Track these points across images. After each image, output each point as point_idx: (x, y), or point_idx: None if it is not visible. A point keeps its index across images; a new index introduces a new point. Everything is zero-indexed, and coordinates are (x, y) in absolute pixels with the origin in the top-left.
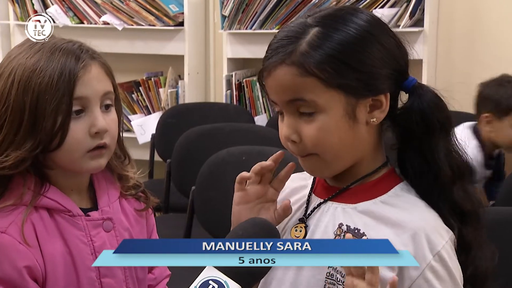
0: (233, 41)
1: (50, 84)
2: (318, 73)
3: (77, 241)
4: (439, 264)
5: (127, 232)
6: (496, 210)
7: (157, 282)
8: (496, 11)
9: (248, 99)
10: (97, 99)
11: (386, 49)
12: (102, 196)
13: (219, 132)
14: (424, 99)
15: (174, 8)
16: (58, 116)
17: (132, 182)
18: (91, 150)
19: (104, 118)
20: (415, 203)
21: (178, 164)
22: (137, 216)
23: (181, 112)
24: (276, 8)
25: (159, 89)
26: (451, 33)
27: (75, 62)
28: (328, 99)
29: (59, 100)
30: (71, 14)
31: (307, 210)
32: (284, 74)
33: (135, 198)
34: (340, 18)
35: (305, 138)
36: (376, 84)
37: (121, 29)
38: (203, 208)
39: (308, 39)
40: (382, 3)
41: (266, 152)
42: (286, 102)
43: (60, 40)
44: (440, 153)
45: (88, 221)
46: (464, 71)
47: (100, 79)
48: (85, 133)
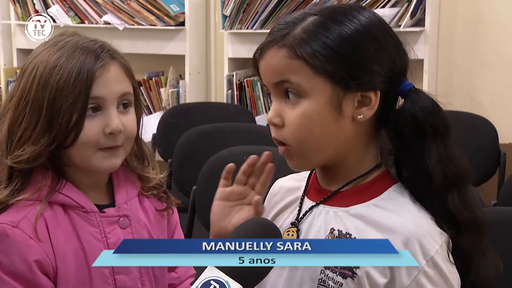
0: (234, 41)
1: (68, 81)
2: (307, 57)
3: (90, 237)
4: (432, 269)
5: (145, 229)
6: (498, 210)
7: (181, 281)
8: (497, 11)
9: (249, 99)
10: (114, 100)
11: (382, 47)
12: (119, 193)
13: (220, 132)
14: (417, 103)
15: (175, 8)
16: (74, 114)
17: (154, 183)
18: (104, 149)
19: (121, 118)
20: (408, 207)
21: (179, 164)
22: (158, 215)
23: (182, 112)
24: (277, 8)
25: (160, 89)
26: (452, 33)
27: (94, 61)
28: (314, 85)
29: (75, 98)
30: (72, 14)
31: (299, 213)
32: (274, 56)
33: (157, 198)
34: (341, 10)
35: (287, 123)
36: (366, 78)
37: (122, 29)
38: (204, 207)
39: (304, 25)
40: (383, 3)
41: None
42: (273, 84)
43: (84, 38)
44: (432, 159)
45: (103, 218)
46: (465, 71)
47: (119, 79)
48: (99, 132)
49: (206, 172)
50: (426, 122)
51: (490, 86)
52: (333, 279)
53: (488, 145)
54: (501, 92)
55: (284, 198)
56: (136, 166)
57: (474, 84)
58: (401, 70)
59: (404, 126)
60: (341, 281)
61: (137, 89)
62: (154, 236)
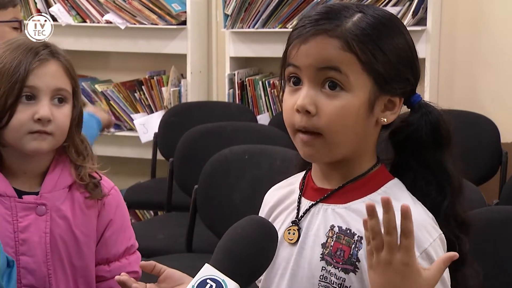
0: (236, 40)
1: (8, 70)
2: (359, 52)
3: (1, 218)
4: (426, 262)
5: (63, 220)
6: (500, 209)
7: (112, 275)
8: (499, 10)
9: (250, 98)
10: (48, 92)
11: (413, 56)
12: (47, 183)
13: (221, 131)
14: (434, 114)
15: (176, 7)
16: (9, 99)
17: (89, 172)
18: (33, 132)
19: (53, 110)
20: (404, 201)
21: (181, 162)
22: (85, 209)
23: (184, 111)
24: (279, 7)
25: (162, 88)
26: (454, 32)
27: (33, 56)
28: (360, 81)
29: (11, 85)
30: (74, 13)
31: (299, 213)
32: (325, 43)
33: (84, 186)
34: (382, 15)
35: (322, 112)
36: (400, 85)
37: (124, 28)
38: (205, 206)
39: (355, 20)
40: (385, 2)
41: (268, 150)
42: (316, 69)
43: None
44: (449, 164)
45: (18, 203)
46: (467, 70)
47: (56, 75)
48: (29, 118)
49: (207, 171)
50: (443, 131)
51: (492, 85)
52: (336, 275)
53: (490, 144)
54: (503, 91)
55: (280, 204)
56: (76, 158)
57: (475, 83)
58: (414, 81)
59: (422, 136)
60: (344, 276)
61: (78, 89)
62: (75, 228)
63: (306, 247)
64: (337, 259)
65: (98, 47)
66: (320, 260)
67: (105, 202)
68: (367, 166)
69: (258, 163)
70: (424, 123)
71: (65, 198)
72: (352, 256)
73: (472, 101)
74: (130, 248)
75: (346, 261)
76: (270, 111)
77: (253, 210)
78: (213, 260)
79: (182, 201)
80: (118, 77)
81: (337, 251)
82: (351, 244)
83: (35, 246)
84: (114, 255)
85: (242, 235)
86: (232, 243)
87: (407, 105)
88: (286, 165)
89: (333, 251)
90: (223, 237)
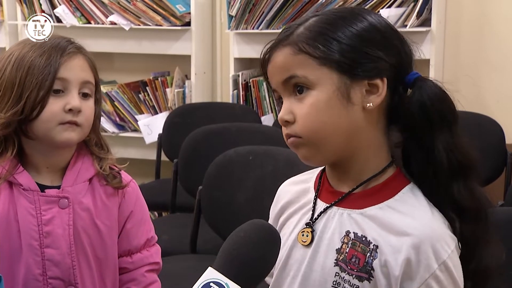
0: (240, 41)
1: (39, 62)
2: (309, 50)
3: (25, 212)
4: (444, 273)
5: (86, 212)
6: (505, 210)
7: (135, 266)
8: (503, 11)
9: (254, 99)
10: (77, 84)
11: (385, 37)
12: (68, 177)
13: (225, 132)
14: (424, 91)
15: (181, 8)
16: (41, 91)
17: (110, 163)
18: (64, 123)
19: (81, 102)
20: (422, 208)
21: (185, 164)
22: (107, 202)
23: (188, 112)
24: (283, 8)
25: (166, 89)
26: (459, 33)
27: (62, 51)
28: (320, 76)
29: (43, 77)
30: (78, 14)
31: (313, 215)
32: (280, 55)
33: (104, 178)
34: (342, 10)
35: (297, 117)
36: (370, 65)
37: (128, 29)
38: (210, 207)
39: (307, 24)
40: (389, 3)
41: (273, 151)
42: (281, 83)
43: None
44: (439, 145)
45: (41, 197)
46: (471, 71)
47: (83, 68)
48: (61, 109)
49: (212, 172)
50: (434, 109)
51: (497, 86)
52: (349, 282)
53: (495, 145)
54: (508, 92)
55: (294, 203)
56: (98, 151)
57: (480, 84)
58: (407, 60)
59: (412, 114)
60: (357, 284)
61: (99, 85)
62: (97, 219)
63: (320, 251)
64: (352, 266)
65: (103, 48)
66: (334, 266)
67: (125, 194)
68: (377, 165)
69: (263, 164)
70: (414, 100)
71: (86, 191)
72: (367, 265)
73: (477, 102)
74: (150, 240)
75: (361, 269)
76: (274, 112)
77: (258, 211)
78: (217, 263)
79: (187, 202)
80: (123, 78)
81: (352, 258)
82: (366, 252)
83: (59, 238)
84: (135, 246)
85: (245, 238)
86: (235, 247)
87: (408, 87)
88: (291, 166)
89: (348, 257)
90: (226, 241)
